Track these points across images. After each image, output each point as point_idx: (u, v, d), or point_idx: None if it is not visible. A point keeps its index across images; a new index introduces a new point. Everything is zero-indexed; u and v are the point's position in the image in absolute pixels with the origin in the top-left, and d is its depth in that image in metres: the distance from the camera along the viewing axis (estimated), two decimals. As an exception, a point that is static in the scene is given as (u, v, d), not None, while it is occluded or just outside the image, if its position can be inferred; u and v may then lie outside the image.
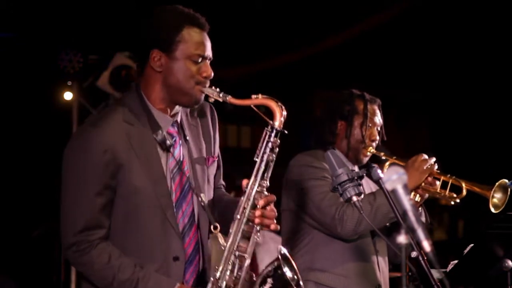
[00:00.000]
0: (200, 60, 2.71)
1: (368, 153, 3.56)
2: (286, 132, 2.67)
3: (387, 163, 3.55)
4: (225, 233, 2.70)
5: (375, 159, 3.64)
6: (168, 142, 2.73)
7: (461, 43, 7.59)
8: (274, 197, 2.67)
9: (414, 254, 2.56)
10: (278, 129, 2.65)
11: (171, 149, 2.75)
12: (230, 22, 6.76)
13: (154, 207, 2.68)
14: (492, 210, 3.36)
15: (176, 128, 2.81)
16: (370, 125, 3.57)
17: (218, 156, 2.96)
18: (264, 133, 2.66)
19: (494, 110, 8.01)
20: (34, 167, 6.82)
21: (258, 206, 2.62)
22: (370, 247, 3.47)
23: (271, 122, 2.66)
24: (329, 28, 7.28)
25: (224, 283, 2.62)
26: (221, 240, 2.68)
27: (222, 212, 2.86)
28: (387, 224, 3.38)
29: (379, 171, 2.54)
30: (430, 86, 8.50)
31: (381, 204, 3.26)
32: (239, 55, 7.30)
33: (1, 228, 6.65)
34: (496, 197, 3.39)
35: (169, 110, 2.78)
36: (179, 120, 2.83)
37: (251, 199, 2.63)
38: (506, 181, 3.40)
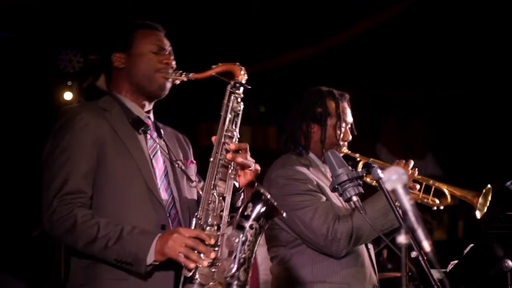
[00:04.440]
0: (158, 50, 2.88)
1: (341, 154, 3.48)
2: (249, 87, 2.75)
3: (360, 164, 3.52)
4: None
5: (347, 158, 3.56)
6: (143, 125, 2.83)
7: (461, 43, 7.59)
8: (246, 144, 2.73)
9: (414, 254, 2.55)
10: (241, 82, 2.74)
11: (149, 132, 2.85)
12: (230, 23, 6.76)
13: (137, 178, 2.74)
14: (478, 215, 3.42)
15: (151, 122, 2.92)
16: (343, 125, 3.47)
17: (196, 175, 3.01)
18: (227, 88, 2.74)
19: (494, 110, 8.01)
20: (34, 167, 6.81)
21: (229, 151, 2.69)
22: (364, 249, 3.42)
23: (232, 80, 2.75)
24: (330, 27, 7.28)
25: (207, 221, 2.63)
26: (199, 191, 2.75)
27: None
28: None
29: (379, 171, 2.53)
30: (430, 86, 8.50)
31: (374, 218, 3.16)
32: (239, 55, 7.29)
33: (1, 228, 6.65)
34: (480, 203, 3.44)
35: (141, 105, 2.91)
36: (152, 119, 2.94)
37: (221, 143, 2.70)
38: (489, 186, 3.47)
